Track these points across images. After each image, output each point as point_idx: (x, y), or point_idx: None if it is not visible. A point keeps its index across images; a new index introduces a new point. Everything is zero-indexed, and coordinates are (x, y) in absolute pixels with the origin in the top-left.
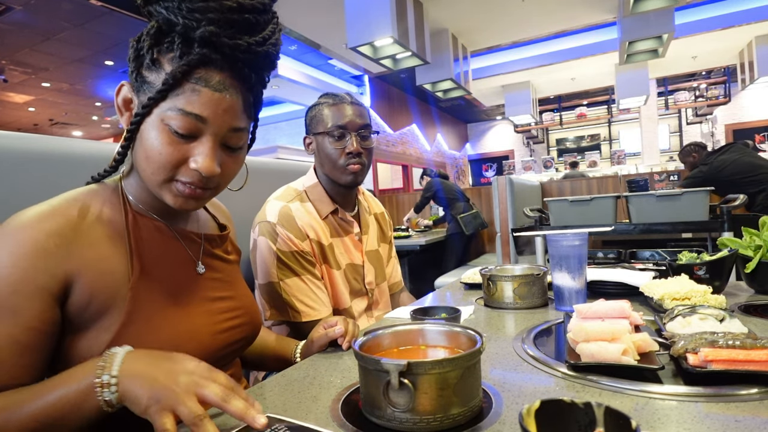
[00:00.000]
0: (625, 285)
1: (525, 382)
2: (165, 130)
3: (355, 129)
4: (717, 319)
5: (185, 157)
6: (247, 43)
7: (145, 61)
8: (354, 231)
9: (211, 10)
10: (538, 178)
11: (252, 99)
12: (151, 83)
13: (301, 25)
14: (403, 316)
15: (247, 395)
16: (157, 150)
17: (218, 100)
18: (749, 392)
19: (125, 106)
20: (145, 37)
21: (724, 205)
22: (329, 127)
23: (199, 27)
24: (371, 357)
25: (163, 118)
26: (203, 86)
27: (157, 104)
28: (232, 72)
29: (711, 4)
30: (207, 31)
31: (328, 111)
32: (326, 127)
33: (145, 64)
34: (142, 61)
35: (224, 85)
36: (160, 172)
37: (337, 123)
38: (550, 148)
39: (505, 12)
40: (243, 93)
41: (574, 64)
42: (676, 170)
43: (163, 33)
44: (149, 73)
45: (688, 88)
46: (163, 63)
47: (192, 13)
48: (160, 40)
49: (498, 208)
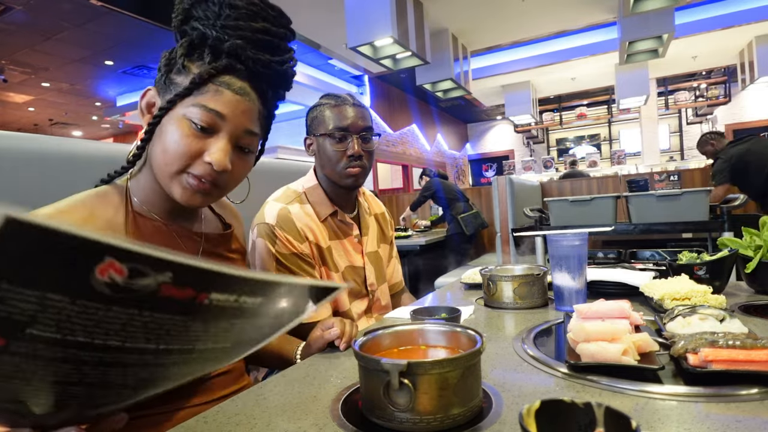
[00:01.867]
0: (625, 285)
1: (525, 382)
2: (186, 124)
3: (356, 131)
4: (717, 319)
5: (201, 151)
6: (268, 60)
7: (176, 67)
8: (353, 233)
9: (241, 28)
10: (538, 178)
11: (266, 112)
12: (178, 84)
13: (301, 25)
14: (403, 316)
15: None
16: (176, 141)
17: (238, 102)
18: (749, 392)
19: (148, 109)
20: (179, 49)
21: (724, 205)
22: (330, 129)
23: (228, 40)
24: (371, 357)
25: (186, 113)
26: (226, 89)
27: (183, 99)
28: (251, 82)
29: (711, 4)
30: (234, 44)
31: (330, 112)
32: (327, 129)
33: (175, 69)
34: (172, 66)
35: (244, 90)
36: (174, 163)
37: (338, 125)
38: (550, 148)
39: (505, 12)
40: (259, 103)
41: (574, 64)
42: (676, 170)
43: (195, 46)
44: (177, 76)
45: (688, 88)
46: (191, 68)
47: (224, 29)
48: (192, 52)
49: (498, 208)
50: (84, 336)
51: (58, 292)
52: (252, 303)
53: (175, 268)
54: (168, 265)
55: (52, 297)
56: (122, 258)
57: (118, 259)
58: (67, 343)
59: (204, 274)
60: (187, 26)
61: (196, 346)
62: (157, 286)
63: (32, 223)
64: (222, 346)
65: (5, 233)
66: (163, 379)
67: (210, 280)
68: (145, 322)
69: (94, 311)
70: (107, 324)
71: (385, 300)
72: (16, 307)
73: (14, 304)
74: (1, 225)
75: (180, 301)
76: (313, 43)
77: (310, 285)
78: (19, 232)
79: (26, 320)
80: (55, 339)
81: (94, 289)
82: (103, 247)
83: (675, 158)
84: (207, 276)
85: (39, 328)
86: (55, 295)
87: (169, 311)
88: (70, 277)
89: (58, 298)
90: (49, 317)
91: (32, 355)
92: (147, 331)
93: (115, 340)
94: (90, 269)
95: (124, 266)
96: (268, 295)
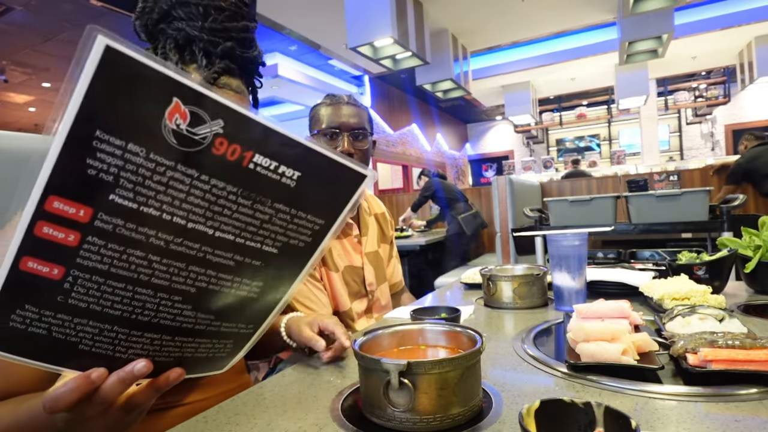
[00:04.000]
0: (625, 285)
1: (525, 381)
2: None
3: (347, 129)
4: (717, 319)
5: None
6: (253, 57)
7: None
8: (353, 233)
9: (229, 29)
10: (538, 178)
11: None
12: None
13: (301, 25)
14: (403, 316)
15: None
16: None
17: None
18: (749, 392)
19: None
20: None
21: (723, 205)
22: (323, 127)
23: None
24: (371, 357)
25: None
26: (228, 89)
27: None
28: (242, 79)
29: (710, 5)
30: (227, 46)
31: (324, 111)
32: (320, 127)
33: None
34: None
35: (240, 89)
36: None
37: (330, 123)
38: (550, 148)
39: (505, 12)
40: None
41: (574, 64)
42: (676, 170)
43: (181, 47)
44: None
45: (688, 89)
46: (190, 71)
47: (214, 32)
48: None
49: (498, 208)
50: (155, 209)
51: (137, 142)
52: (289, 179)
53: (227, 113)
54: (222, 109)
55: (132, 149)
56: (186, 98)
57: (183, 99)
58: (142, 217)
59: (250, 125)
60: (168, 26)
61: (245, 241)
62: (212, 138)
63: (125, 52)
64: (261, 267)
65: (104, 60)
66: (220, 306)
67: (255, 135)
68: (203, 192)
69: (163, 170)
70: (173, 191)
71: (385, 300)
72: (104, 161)
73: (103, 158)
74: (100, 53)
75: (229, 163)
76: (313, 43)
77: (343, 164)
78: (115, 61)
79: (111, 181)
80: (131, 210)
81: (164, 138)
82: (173, 84)
83: (675, 158)
84: (253, 128)
85: (121, 194)
86: (135, 145)
87: (220, 176)
88: (147, 120)
89: (136, 150)
90: (128, 177)
91: (113, 234)
92: (205, 207)
93: (178, 215)
94: (161, 113)
95: (187, 109)
96: (305, 170)
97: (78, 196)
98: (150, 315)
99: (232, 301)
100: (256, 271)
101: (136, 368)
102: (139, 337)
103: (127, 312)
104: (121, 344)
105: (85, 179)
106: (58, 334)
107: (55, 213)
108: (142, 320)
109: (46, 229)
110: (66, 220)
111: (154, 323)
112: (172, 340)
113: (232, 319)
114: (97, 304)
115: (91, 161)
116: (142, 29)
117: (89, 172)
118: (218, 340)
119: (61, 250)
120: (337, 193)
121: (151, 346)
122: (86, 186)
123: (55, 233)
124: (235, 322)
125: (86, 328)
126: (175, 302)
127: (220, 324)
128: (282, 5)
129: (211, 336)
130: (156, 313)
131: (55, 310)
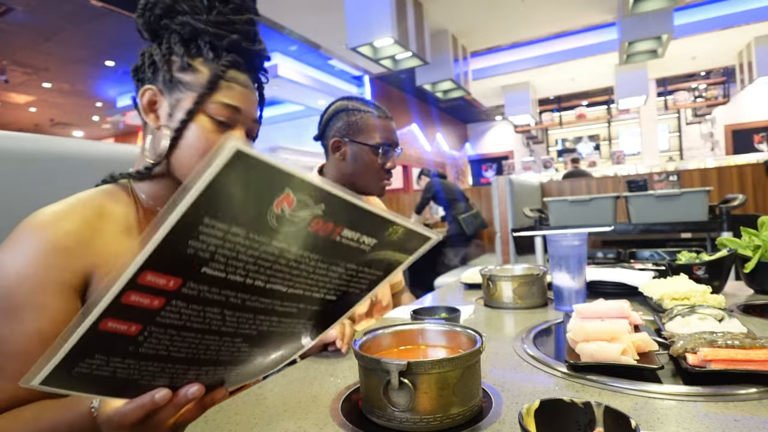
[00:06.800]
0: (625, 285)
1: (525, 381)
2: (207, 121)
3: (396, 146)
4: (716, 319)
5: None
6: (259, 50)
7: (177, 65)
8: None
9: (235, 22)
10: (537, 178)
11: (260, 98)
12: (190, 82)
13: (301, 25)
14: (403, 316)
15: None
16: (205, 138)
17: (247, 94)
18: (748, 392)
19: (150, 107)
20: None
21: (723, 205)
22: (379, 141)
23: (226, 36)
24: (371, 357)
25: (205, 110)
26: (235, 83)
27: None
28: (249, 73)
29: (710, 5)
30: (233, 39)
31: (376, 123)
32: (375, 140)
33: (177, 67)
34: (172, 64)
35: (247, 83)
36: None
37: (386, 140)
38: (550, 148)
39: (505, 12)
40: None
41: (574, 64)
42: (676, 170)
43: (186, 41)
44: (184, 74)
45: (688, 89)
46: (197, 65)
47: (219, 25)
48: (189, 47)
49: (498, 208)
50: (240, 275)
51: (241, 225)
52: (367, 245)
53: (331, 200)
54: (326, 195)
55: (234, 231)
56: (297, 188)
57: (294, 190)
58: (227, 283)
59: (347, 207)
60: (171, 21)
61: (312, 293)
62: (311, 218)
63: (252, 154)
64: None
65: (231, 161)
66: (276, 339)
67: (348, 215)
68: (289, 260)
69: (257, 246)
70: (262, 261)
71: (385, 300)
72: (205, 242)
73: (205, 240)
74: (230, 155)
75: (320, 237)
76: (313, 43)
77: (415, 231)
78: (239, 161)
79: (207, 257)
80: (219, 278)
81: (266, 222)
82: (289, 178)
83: (674, 158)
84: (350, 210)
85: (212, 266)
86: (238, 228)
87: (309, 248)
88: (255, 208)
89: (237, 232)
90: (224, 253)
91: (196, 298)
92: (287, 271)
93: (261, 279)
94: (271, 202)
95: (295, 197)
96: (380, 238)
97: (172, 271)
98: (211, 354)
99: (285, 335)
100: (313, 314)
101: (189, 392)
102: (197, 370)
103: (191, 353)
104: (179, 377)
105: (183, 257)
106: (121, 374)
107: (146, 284)
108: (203, 358)
109: (134, 298)
110: (155, 290)
111: (214, 359)
112: (224, 369)
113: (281, 348)
114: (165, 350)
115: (192, 242)
116: (145, 27)
117: (188, 251)
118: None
119: (143, 312)
120: (402, 254)
121: (206, 376)
122: (182, 262)
123: (142, 300)
124: (282, 350)
125: (150, 367)
126: (236, 342)
127: (269, 353)
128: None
129: (256, 361)
130: (217, 352)
131: (124, 357)
